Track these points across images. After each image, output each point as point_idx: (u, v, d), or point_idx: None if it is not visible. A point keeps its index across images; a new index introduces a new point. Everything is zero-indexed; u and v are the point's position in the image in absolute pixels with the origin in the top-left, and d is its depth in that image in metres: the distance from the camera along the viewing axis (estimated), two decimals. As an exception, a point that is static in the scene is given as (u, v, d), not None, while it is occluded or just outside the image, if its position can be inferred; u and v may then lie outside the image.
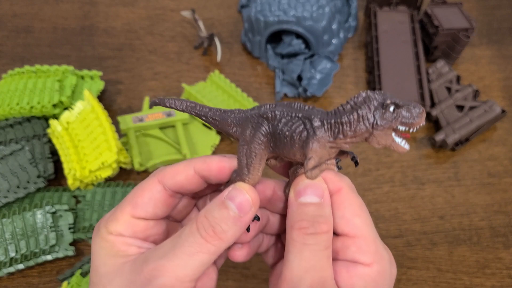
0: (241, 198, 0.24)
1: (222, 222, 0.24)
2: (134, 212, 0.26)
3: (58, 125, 0.55)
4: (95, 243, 0.26)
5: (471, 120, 0.59)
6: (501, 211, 0.55)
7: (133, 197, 0.27)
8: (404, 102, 0.23)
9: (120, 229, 0.26)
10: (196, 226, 0.24)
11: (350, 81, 0.68)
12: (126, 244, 0.26)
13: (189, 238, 0.24)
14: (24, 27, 0.75)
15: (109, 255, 0.25)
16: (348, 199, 0.26)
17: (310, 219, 0.25)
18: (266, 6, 0.65)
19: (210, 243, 0.23)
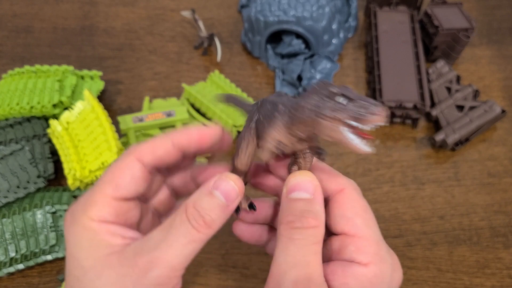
0: (227, 187, 0.25)
1: (211, 212, 0.24)
2: (116, 193, 0.26)
3: (58, 125, 0.55)
4: (73, 233, 0.25)
5: (471, 120, 0.59)
6: (501, 211, 0.55)
7: (112, 177, 0.26)
8: (362, 97, 0.22)
9: (103, 213, 0.25)
10: (187, 216, 0.24)
11: (350, 81, 0.68)
12: (110, 232, 0.25)
13: (181, 229, 0.24)
14: (24, 27, 0.75)
15: (92, 246, 0.24)
16: (350, 199, 0.26)
17: (298, 213, 0.25)
18: (266, 6, 0.65)
19: (201, 232, 0.24)
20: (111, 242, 0.25)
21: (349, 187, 0.27)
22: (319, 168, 0.28)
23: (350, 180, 0.27)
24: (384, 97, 0.61)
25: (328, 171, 0.28)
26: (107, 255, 0.24)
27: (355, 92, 0.23)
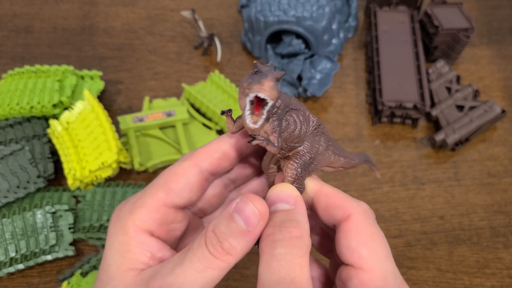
0: (248, 211, 0.22)
1: (230, 237, 0.22)
2: (168, 198, 0.25)
3: (58, 125, 0.55)
4: (112, 232, 0.24)
5: (471, 120, 0.59)
6: (501, 211, 0.55)
7: (165, 182, 0.25)
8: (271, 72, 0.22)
9: (147, 219, 0.24)
10: (205, 241, 0.22)
11: (350, 81, 0.68)
12: (142, 246, 0.24)
13: (198, 254, 0.22)
14: (24, 27, 0.75)
15: (121, 254, 0.24)
16: (357, 226, 0.24)
17: (278, 224, 0.23)
18: (266, 6, 0.65)
19: (219, 259, 0.22)
20: (138, 257, 0.24)
21: (357, 212, 0.24)
22: (323, 194, 0.26)
23: (359, 204, 0.25)
24: (384, 97, 0.61)
25: (334, 196, 0.25)
26: (128, 269, 0.23)
27: (272, 69, 0.22)
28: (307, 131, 0.25)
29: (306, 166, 0.25)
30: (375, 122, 0.63)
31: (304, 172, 0.25)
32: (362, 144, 0.61)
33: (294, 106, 0.25)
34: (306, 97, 0.66)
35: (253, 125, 0.22)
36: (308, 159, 0.25)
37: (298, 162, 0.25)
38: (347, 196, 0.25)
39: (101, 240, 0.51)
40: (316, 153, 0.26)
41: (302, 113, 0.25)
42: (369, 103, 0.65)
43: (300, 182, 0.25)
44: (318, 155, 0.26)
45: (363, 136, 0.62)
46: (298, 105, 0.25)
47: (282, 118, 0.24)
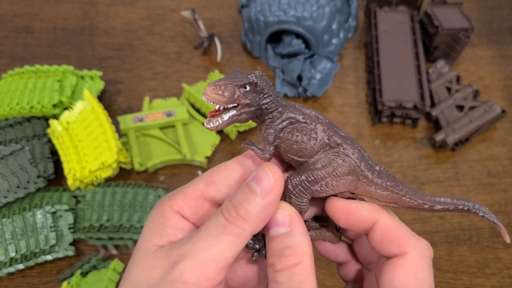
0: (263, 177, 0.23)
1: (244, 202, 0.22)
2: (207, 190, 0.25)
3: (58, 125, 0.55)
4: (152, 214, 0.25)
5: (471, 120, 0.59)
6: (501, 211, 0.55)
7: (209, 175, 0.25)
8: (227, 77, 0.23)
9: (184, 205, 0.25)
10: (221, 209, 0.23)
11: (350, 81, 0.68)
12: (176, 227, 0.24)
13: (213, 221, 0.23)
14: (24, 27, 0.75)
15: (153, 231, 0.24)
16: (407, 268, 0.23)
17: (277, 253, 0.23)
18: (266, 6, 0.65)
19: (233, 224, 0.22)
20: (168, 236, 0.24)
21: (413, 252, 0.23)
22: (382, 226, 0.24)
23: (419, 242, 0.23)
24: (384, 97, 0.61)
25: (393, 230, 0.24)
26: (153, 245, 0.24)
27: (232, 74, 0.24)
28: (314, 146, 0.24)
29: (307, 184, 0.24)
30: (375, 122, 0.63)
31: (304, 190, 0.24)
32: (362, 144, 0.61)
33: (302, 119, 0.24)
34: (306, 97, 0.66)
35: (206, 125, 0.24)
36: (311, 177, 0.24)
37: (296, 177, 0.24)
38: (407, 231, 0.24)
39: (101, 240, 0.51)
40: (326, 174, 0.24)
41: (309, 128, 0.24)
42: (369, 103, 0.65)
43: (298, 199, 0.25)
44: (329, 177, 0.24)
45: (363, 136, 0.62)
46: (308, 119, 0.24)
47: (281, 128, 0.24)
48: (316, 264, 0.24)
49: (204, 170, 0.59)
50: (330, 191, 0.24)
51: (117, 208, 0.52)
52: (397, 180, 0.25)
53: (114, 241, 0.51)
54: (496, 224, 0.25)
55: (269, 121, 0.25)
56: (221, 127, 0.24)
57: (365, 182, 0.24)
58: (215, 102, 0.23)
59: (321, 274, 0.50)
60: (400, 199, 0.25)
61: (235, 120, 0.24)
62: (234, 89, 0.23)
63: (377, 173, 0.24)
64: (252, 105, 0.24)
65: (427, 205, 0.25)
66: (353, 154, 0.24)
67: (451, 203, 0.25)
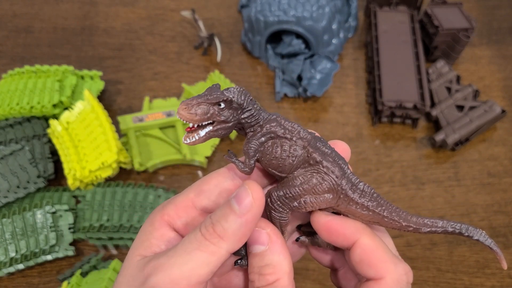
0: (243, 194, 0.23)
1: (221, 219, 0.22)
2: (197, 199, 0.25)
3: (58, 125, 0.55)
4: (145, 222, 0.26)
5: (471, 120, 0.59)
6: (501, 211, 0.55)
7: (199, 184, 0.26)
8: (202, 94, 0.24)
9: (174, 214, 0.25)
10: (199, 225, 0.23)
11: (350, 81, 0.68)
12: (162, 238, 0.25)
13: (190, 236, 0.23)
14: (24, 27, 0.75)
15: (140, 240, 0.25)
16: None
17: (256, 270, 0.23)
18: (266, 6, 0.65)
19: (209, 241, 0.22)
20: (152, 246, 0.24)
21: (389, 279, 0.23)
22: (361, 246, 0.24)
23: (396, 268, 0.23)
24: (384, 97, 0.61)
25: (371, 253, 0.24)
26: (138, 255, 0.24)
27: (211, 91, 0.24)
28: (292, 163, 0.24)
29: (286, 200, 0.24)
30: (375, 122, 0.63)
31: (283, 205, 0.24)
32: (362, 144, 0.61)
33: (282, 133, 0.24)
34: (306, 97, 0.66)
35: (183, 141, 0.24)
36: (289, 194, 0.24)
37: (276, 192, 0.24)
38: (387, 255, 0.24)
39: (101, 240, 0.51)
40: (303, 191, 0.24)
41: (289, 143, 0.24)
42: (369, 103, 0.65)
43: (278, 213, 0.25)
44: (308, 194, 0.24)
45: (363, 136, 0.62)
46: (289, 134, 0.24)
47: (261, 143, 0.25)
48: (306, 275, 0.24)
49: (204, 170, 0.59)
50: (309, 207, 0.24)
51: (117, 208, 0.52)
52: (380, 200, 0.24)
53: (114, 241, 0.51)
54: (493, 249, 0.24)
55: (251, 134, 0.25)
56: (198, 142, 0.24)
57: (346, 200, 0.24)
58: (188, 121, 0.23)
59: (312, 284, 0.50)
60: (382, 220, 0.24)
61: (212, 136, 0.24)
62: (208, 107, 0.23)
63: (359, 191, 0.24)
64: (228, 121, 0.24)
65: (411, 227, 0.24)
66: (333, 172, 0.24)
67: (441, 226, 0.24)
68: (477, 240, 0.24)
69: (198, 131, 0.24)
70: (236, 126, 0.25)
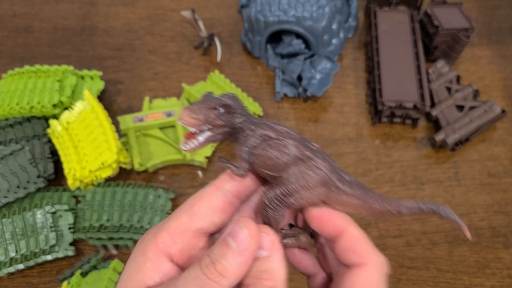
0: (240, 233, 0.23)
1: (222, 258, 0.23)
2: (191, 222, 0.25)
3: (58, 125, 0.55)
4: (134, 252, 0.25)
5: (471, 120, 0.59)
6: (501, 211, 0.55)
7: (190, 206, 0.26)
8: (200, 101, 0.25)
9: (169, 242, 0.25)
10: (199, 264, 0.23)
11: (350, 81, 0.68)
12: (156, 269, 0.24)
13: (192, 274, 0.23)
14: (24, 27, 0.75)
15: (133, 272, 0.24)
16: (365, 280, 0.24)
17: (254, 275, 0.24)
18: (266, 6, 0.65)
19: (212, 280, 0.22)
20: (146, 280, 0.24)
21: (372, 265, 0.24)
22: (349, 236, 0.25)
23: (379, 257, 0.25)
24: (384, 97, 0.61)
25: (357, 242, 0.25)
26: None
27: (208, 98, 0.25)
28: (286, 162, 0.25)
29: (282, 198, 0.25)
30: (375, 122, 0.63)
31: (279, 203, 0.25)
32: (362, 144, 0.61)
33: (274, 135, 0.25)
34: (306, 97, 0.66)
35: (182, 147, 0.25)
36: (285, 191, 0.25)
37: (272, 191, 0.25)
38: (371, 246, 0.25)
39: (101, 240, 0.51)
40: (299, 186, 0.25)
41: (281, 144, 0.25)
42: (369, 103, 0.65)
43: (274, 212, 0.25)
44: (303, 189, 0.25)
45: (363, 136, 0.62)
46: (280, 135, 0.26)
47: (254, 146, 0.26)
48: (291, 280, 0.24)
49: (204, 170, 0.59)
50: (304, 202, 0.26)
51: (117, 208, 0.52)
52: (366, 189, 0.26)
53: (114, 241, 0.51)
54: (458, 222, 0.27)
55: (243, 139, 0.26)
56: (197, 148, 0.25)
57: (337, 192, 0.26)
58: (191, 125, 0.24)
59: None
60: (370, 207, 0.26)
61: (210, 141, 0.25)
62: (208, 112, 0.25)
63: (348, 183, 0.26)
64: (226, 126, 0.25)
65: (395, 210, 0.26)
66: (324, 166, 0.25)
67: (417, 207, 0.26)
68: (445, 216, 0.26)
69: (197, 136, 0.25)
70: (229, 132, 0.26)
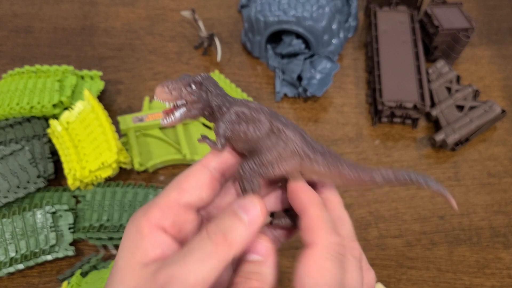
0: (252, 209, 0.25)
1: (232, 229, 0.24)
2: (180, 197, 0.26)
3: (58, 125, 0.55)
4: (127, 231, 0.26)
5: (471, 120, 0.59)
6: (501, 211, 0.55)
7: (178, 183, 0.27)
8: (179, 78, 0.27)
9: (160, 217, 0.26)
10: (207, 233, 0.24)
11: (350, 81, 0.68)
12: (154, 242, 0.25)
13: (199, 244, 0.24)
14: (24, 27, 0.75)
15: (132, 248, 0.25)
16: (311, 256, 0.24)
17: (244, 274, 0.24)
18: (266, 6, 0.65)
19: (220, 249, 0.23)
20: (148, 252, 0.25)
21: (321, 244, 0.25)
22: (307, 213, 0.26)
23: (331, 236, 0.25)
24: (384, 97, 0.61)
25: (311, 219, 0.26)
26: (136, 262, 0.24)
27: (183, 77, 0.27)
28: (259, 135, 0.27)
29: (256, 167, 0.27)
30: (375, 122, 0.63)
31: (253, 173, 0.27)
32: (362, 144, 0.61)
33: (248, 111, 0.27)
34: (306, 97, 0.66)
35: (161, 122, 0.27)
36: (258, 160, 0.27)
37: (246, 162, 0.27)
38: (325, 225, 0.25)
39: (101, 240, 0.51)
40: (271, 157, 0.27)
41: (254, 118, 0.27)
42: (369, 103, 0.65)
43: (250, 182, 0.27)
44: (275, 160, 0.27)
45: (363, 136, 0.62)
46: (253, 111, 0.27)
47: (230, 121, 0.27)
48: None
49: (204, 170, 0.59)
50: (277, 171, 0.27)
51: (117, 208, 0.52)
52: (339, 158, 0.27)
53: (114, 241, 0.51)
54: (442, 192, 0.27)
55: (219, 116, 0.28)
56: (174, 123, 0.27)
57: (309, 161, 0.27)
58: (165, 100, 0.26)
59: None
60: (343, 175, 0.27)
61: (186, 116, 0.27)
62: (181, 88, 0.27)
63: (320, 152, 0.27)
64: (199, 102, 0.27)
65: (367, 177, 0.27)
66: (294, 136, 0.27)
67: (392, 175, 0.27)
68: (427, 186, 0.27)
69: (174, 112, 0.27)
70: (206, 109, 0.28)
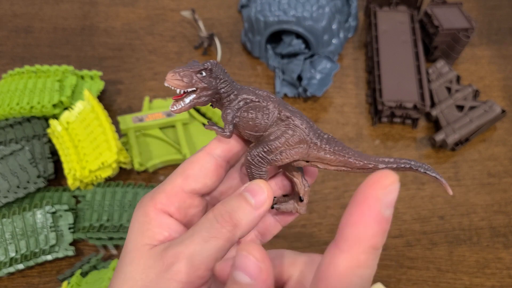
0: (260, 193, 0.25)
1: (239, 210, 0.24)
2: (185, 183, 0.27)
3: (58, 125, 0.55)
4: (135, 216, 0.27)
5: (471, 120, 0.59)
6: (501, 211, 0.55)
7: (183, 170, 0.27)
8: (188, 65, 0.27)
9: (166, 202, 0.26)
10: (213, 213, 0.25)
11: (350, 81, 0.68)
12: (161, 225, 0.26)
13: (206, 224, 0.24)
14: (24, 27, 0.75)
15: (139, 232, 0.26)
16: None
17: None
18: (266, 6, 0.65)
19: (225, 229, 0.24)
20: (155, 235, 0.25)
21: None
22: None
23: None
24: (384, 97, 0.61)
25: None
26: (145, 244, 0.25)
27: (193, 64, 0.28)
28: (267, 122, 0.27)
29: (264, 154, 0.27)
30: (375, 122, 0.63)
31: (262, 159, 0.27)
32: (362, 144, 0.61)
33: (255, 99, 0.28)
34: (306, 97, 0.66)
35: (170, 109, 0.27)
36: (266, 148, 0.27)
37: (254, 149, 0.27)
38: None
39: (101, 240, 0.51)
40: (279, 144, 0.27)
41: (262, 105, 0.27)
42: (369, 103, 0.65)
43: (258, 168, 0.27)
44: (282, 147, 0.27)
45: (363, 136, 0.62)
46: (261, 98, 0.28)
47: (238, 108, 0.28)
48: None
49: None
50: (285, 159, 0.27)
51: (117, 208, 0.52)
52: (344, 146, 0.28)
53: (114, 241, 0.51)
54: (439, 179, 0.27)
55: (227, 103, 0.28)
56: (184, 109, 0.27)
57: (315, 149, 0.27)
58: (176, 86, 0.26)
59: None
60: (348, 162, 0.27)
61: (196, 103, 0.28)
62: (192, 75, 0.27)
63: (326, 140, 0.27)
64: (209, 89, 0.27)
65: (372, 164, 0.27)
66: (302, 124, 0.27)
67: (394, 162, 0.27)
68: (424, 173, 0.27)
69: (184, 99, 0.27)
70: (214, 96, 0.28)
